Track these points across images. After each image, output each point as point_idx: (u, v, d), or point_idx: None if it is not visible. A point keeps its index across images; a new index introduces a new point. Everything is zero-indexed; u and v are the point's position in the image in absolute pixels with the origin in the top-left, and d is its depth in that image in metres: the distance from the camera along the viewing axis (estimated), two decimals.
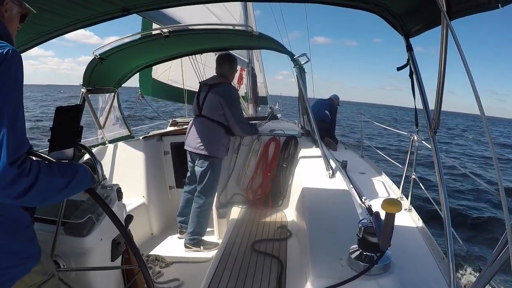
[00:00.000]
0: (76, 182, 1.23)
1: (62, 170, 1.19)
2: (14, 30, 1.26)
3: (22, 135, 1.07)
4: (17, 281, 1.23)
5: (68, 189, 1.20)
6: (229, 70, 3.52)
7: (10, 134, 1.01)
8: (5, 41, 1.12)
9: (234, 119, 3.38)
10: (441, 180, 1.66)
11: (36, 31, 2.23)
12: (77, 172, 1.25)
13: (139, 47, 3.32)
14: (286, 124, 6.03)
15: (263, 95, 10.58)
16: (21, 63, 1.10)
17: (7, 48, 1.07)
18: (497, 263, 1.16)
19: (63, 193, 1.20)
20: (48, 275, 1.36)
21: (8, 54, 1.05)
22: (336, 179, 2.80)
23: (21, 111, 1.08)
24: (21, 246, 1.23)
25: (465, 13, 1.37)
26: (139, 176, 3.84)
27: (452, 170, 12.27)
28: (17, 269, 1.21)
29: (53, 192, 1.15)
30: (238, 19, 7.18)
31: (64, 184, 1.18)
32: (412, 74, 1.83)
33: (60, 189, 1.17)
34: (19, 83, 1.08)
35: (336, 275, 1.39)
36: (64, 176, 1.18)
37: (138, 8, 2.23)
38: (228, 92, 3.42)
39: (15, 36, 1.27)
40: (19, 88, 1.08)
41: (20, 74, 1.09)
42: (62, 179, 1.18)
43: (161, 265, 3.16)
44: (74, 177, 1.22)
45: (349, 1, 1.89)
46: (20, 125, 1.06)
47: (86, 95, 3.57)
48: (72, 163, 1.31)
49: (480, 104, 1.07)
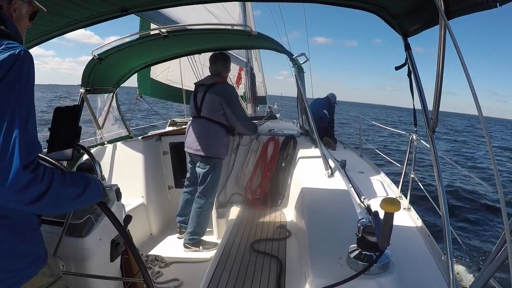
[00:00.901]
0: (87, 193, 1.21)
1: (75, 180, 1.17)
2: (24, 29, 1.25)
3: (34, 138, 1.05)
4: (25, 282, 1.22)
5: (79, 200, 1.19)
6: (223, 67, 3.48)
7: (22, 137, 0.99)
8: (15, 41, 1.11)
9: (235, 117, 3.37)
10: (439, 179, 1.66)
11: (35, 31, 2.23)
12: (89, 184, 1.23)
13: (137, 47, 3.32)
14: (285, 123, 6.03)
15: (262, 94, 10.59)
16: (33, 63, 1.08)
17: (18, 48, 1.05)
18: (496, 262, 1.16)
19: (74, 204, 1.18)
20: (55, 277, 1.36)
21: (20, 55, 1.04)
22: (335, 178, 2.81)
23: (32, 113, 1.06)
24: (29, 248, 1.22)
25: (463, 13, 1.37)
26: (138, 176, 3.84)
27: (451, 169, 12.29)
28: (25, 271, 1.20)
29: (65, 201, 1.13)
30: (237, 19, 7.18)
31: (76, 194, 1.16)
32: (410, 74, 1.83)
33: (72, 199, 1.15)
34: (30, 84, 1.06)
35: (335, 275, 1.39)
36: (76, 186, 1.17)
37: (137, 8, 2.23)
38: (227, 90, 3.40)
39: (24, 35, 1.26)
40: (30, 90, 1.06)
41: (32, 75, 1.07)
42: (74, 189, 1.16)
43: (160, 265, 3.16)
44: (86, 189, 1.20)
45: (347, 1, 1.90)
46: (32, 127, 1.04)
47: (85, 95, 3.57)
48: (85, 175, 1.28)
49: (477, 103, 1.07)
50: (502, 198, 1.06)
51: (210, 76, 3.49)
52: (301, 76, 3.89)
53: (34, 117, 1.07)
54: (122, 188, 2.03)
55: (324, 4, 1.97)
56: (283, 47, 3.68)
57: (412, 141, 3.62)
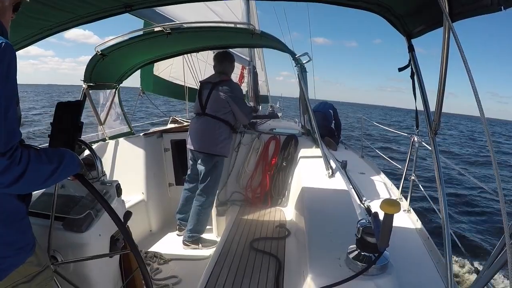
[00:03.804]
0: (63, 167, 1.26)
1: (50, 156, 1.22)
2: (8, 21, 1.24)
3: (14, 127, 1.08)
4: (13, 270, 1.25)
5: (56, 175, 1.24)
6: (229, 66, 3.57)
7: (2, 126, 1.03)
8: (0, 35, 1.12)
9: (243, 113, 3.44)
10: (440, 182, 1.66)
11: (38, 26, 2.23)
12: (64, 158, 1.28)
13: (141, 43, 3.32)
14: (287, 123, 6.03)
15: (264, 93, 10.57)
16: (15, 55, 1.10)
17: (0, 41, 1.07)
18: (495, 265, 1.16)
19: (51, 179, 1.23)
20: (43, 267, 1.37)
21: (0, 47, 1.05)
22: (335, 179, 2.80)
23: (13, 103, 1.08)
24: (16, 237, 1.26)
25: (467, 15, 1.36)
26: (139, 173, 3.85)
27: (452, 172, 12.27)
28: (12, 259, 1.24)
29: (42, 178, 1.18)
30: (240, 18, 7.17)
31: (52, 170, 1.21)
32: (413, 75, 1.83)
33: (49, 175, 1.20)
34: (12, 75, 1.08)
35: (334, 275, 1.39)
36: (52, 163, 1.21)
37: (141, 5, 2.22)
38: (235, 88, 3.47)
39: (11, 29, 1.25)
40: (12, 81, 1.08)
41: (13, 66, 1.08)
42: (50, 166, 1.21)
43: (159, 262, 3.16)
44: (61, 163, 1.25)
45: (351, 1, 1.89)
46: (13, 116, 1.07)
47: (87, 91, 3.57)
48: (59, 149, 1.33)
49: (480, 105, 1.06)
50: (502, 201, 1.06)
51: (216, 74, 3.53)
52: (304, 76, 3.89)
53: (15, 106, 1.10)
54: (122, 184, 2.03)
55: (328, 4, 1.96)
56: (286, 47, 3.68)
57: (414, 143, 3.62)
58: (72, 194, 1.90)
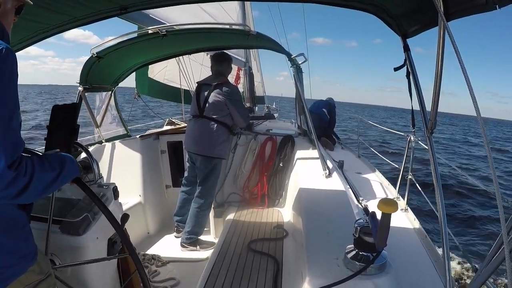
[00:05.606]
0: (65, 173, 1.24)
1: (52, 163, 1.20)
2: (10, 24, 1.21)
3: (17, 136, 1.06)
4: (14, 280, 1.22)
5: (58, 182, 1.22)
6: (227, 68, 3.53)
7: (7, 137, 1.00)
8: (1, 38, 1.09)
9: (241, 116, 3.41)
10: (437, 180, 1.66)
11: (33, 29, 2.21)
12: (65, 163, 1.25)
13: (136, 45, 3.31)
14: (283, 123, 6.03)
15: (260, 94, 10.57)
16: (16, 62, 1.07)
17: (0, 46, 1.03)
18: (493, 263, 1.16)
19: (54, 186, 1.21)
20: (45, 275, 1.35)
21: (2, 53, 1.02)
22: (332, 179, 2.81)
23: (16, 112, 1.06)
24: (18, 245, 1.23)
25: (463, 14, 1.37)
26: (136, 175, 3.83)
27: (449, 170, 12.31)
28: (13, 268, 1.21)
29: (45, 186, 1.16)
30: (236, 19, 7.17)
31: (54, 177, 1.19)
32: (409, 75, 1.83)
33: (52, 182, 1.18)
34: (13, 83, 1.05)
35: (332, 275, 1.39)
36: (54, 169, 1.19)
37: (136, 7, 2.21)
38: (233, 92, 3.43)
39: (11, 31, 1.22)
40: (14, 88, 1.05)
41: (14, 74, 1.06)
42: (53, 173, 1.18)
43: (157, 264, 3.15)
44: (62, 169, 1.23)
45: (346, 1, 1.90)
46: (16, 126, 1.05)
47: (83, 93, 3.56)
48: (59, 155, 1.30)
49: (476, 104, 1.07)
50: (499, 200, 1.06)
51: (214, 76, 3.48)
52: (300, 76, 3.89)
53: (18, 115, 1.08)
54: (119, 187, 2.02)
55: (323, 4, 1.96)
56: (281, 47, 3.68)
57: (410, 142, 3.62)
58: (69, 197, 1.90)
